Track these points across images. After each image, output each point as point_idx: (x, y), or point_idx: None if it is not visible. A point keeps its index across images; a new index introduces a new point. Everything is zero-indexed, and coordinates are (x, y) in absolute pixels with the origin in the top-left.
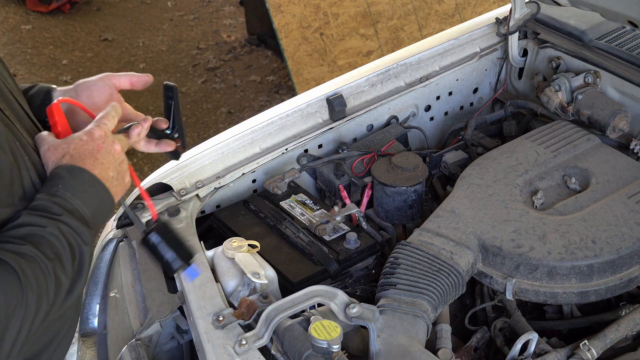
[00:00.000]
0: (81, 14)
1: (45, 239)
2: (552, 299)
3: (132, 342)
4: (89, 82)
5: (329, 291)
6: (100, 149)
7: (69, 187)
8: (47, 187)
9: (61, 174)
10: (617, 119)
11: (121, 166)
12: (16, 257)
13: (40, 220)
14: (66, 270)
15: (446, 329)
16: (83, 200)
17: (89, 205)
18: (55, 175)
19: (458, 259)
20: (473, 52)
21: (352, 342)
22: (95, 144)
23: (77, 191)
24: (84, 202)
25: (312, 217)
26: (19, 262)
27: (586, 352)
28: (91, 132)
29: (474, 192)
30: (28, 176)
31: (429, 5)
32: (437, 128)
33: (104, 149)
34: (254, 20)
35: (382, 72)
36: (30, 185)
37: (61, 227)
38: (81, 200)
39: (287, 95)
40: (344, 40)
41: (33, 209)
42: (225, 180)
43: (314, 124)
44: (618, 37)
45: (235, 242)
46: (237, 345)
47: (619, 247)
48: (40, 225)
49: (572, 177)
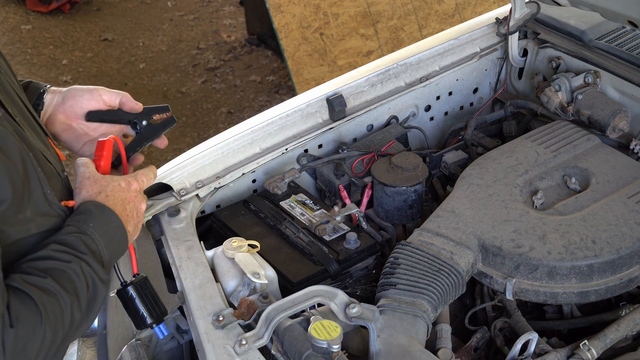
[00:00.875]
0: (81, 14)
1: (67, 274)
2: (552, 299)
3: (132, 342)
4: (78, 91)
5: (329, 291)
6: (131, 201)
7: (98, 228)
8: (79, 221)
9: (94, 212)
10: (617, 119)
11: (139, 224)
12: (39, 292)
13: (66, 256)
14: (81, 307)
15: (446, 329)
16: (106, 243)
17: (110, 249)
18: (88, 211)
19: (458, 259)
20: (473, 52)
21: (352, 342)
22: (129, 195)
23: (104, 233)
24: (106, 245)
25: (312, 217)
26: (41, 297)
27: (586, 352)
28: (129, 182)
29: (474, 192)
30: (40, 188)
31: (429, 5)
32: (437, 128)
33: (133, 203)
34: (254, 20)
35: (382, 72)
36: (42, 197)
37: (83, 265)
38: (105, 243)
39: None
40: (344, 40)
41: (61, 243)
42: (225, 180)
43: (314, 124)
44: (618, 37)
45: (235, 242)
46: (237, 345)
47: (619, 247)
48: (64, 261)
49: (572, 177)
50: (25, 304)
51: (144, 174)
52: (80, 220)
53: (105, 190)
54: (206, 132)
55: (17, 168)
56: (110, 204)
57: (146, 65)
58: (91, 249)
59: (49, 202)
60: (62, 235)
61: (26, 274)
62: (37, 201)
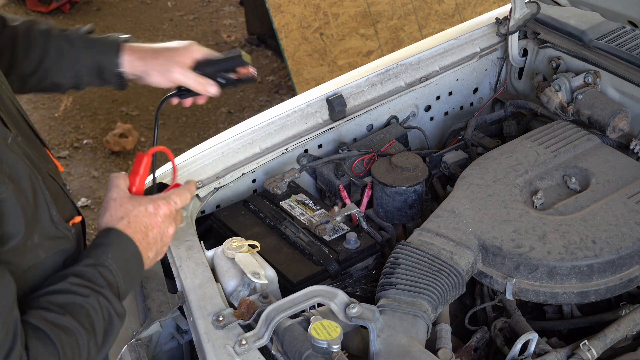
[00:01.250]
0: (81, 14)
1: (85, 309)
2: (552, 299)
3: (132, 342)
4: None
5: (329, 291)
6: (156, 227)
7: (116, 259)
8: (97, 252)
9: (113, 242)
10: (617, 119)
11: (163, 248)
12: (57, 331)
13: (84, 290)
14: (97, 342)
15: (446, 329)
16: (123, 275)
17: (126, 280)
18: (108, 240)
19: (458, 259)
20: (473, 52)
21: (352, 342)
22: (155, 220)
23: (121, 265)
24: (123, 277)
25: (312, 217)
26: (59, 336)
27: (586, 352)
28: (159, 206)
29: (474, 192)
30: (47, 211)
31: (429, 5)
32: (437, 128)
33: (158, 229)
34: (254, 20)
35: (382, 72)
36: (48, 220)
37: (100, 299)
38: (121, 274)
39: (287, 95)
40: (344, 40)
41: (80, 276)
42: (225, 180)
43: (314, 124)
44: (618, 37)
45: (235, 242)
46: (237, 345)
47: (619, 247)
48: (83, 295)
49: (572, 177)
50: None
51: (179, 194)
52: (99, 250)
53: (129, 215)
54: (206, 132)
55: (27, 197)
56: (131, 231)
57: None
58: (109, 281)
59: (55, 223)
60: (80, 267)
61: (45, 310)
62: (44, 225)
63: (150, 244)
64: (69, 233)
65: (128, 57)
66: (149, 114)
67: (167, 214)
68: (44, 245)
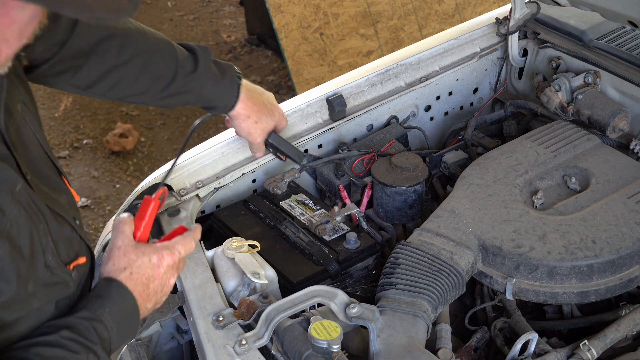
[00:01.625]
0: None
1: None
2: (552, 299)
3: (132, 342)
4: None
5: (329, 291)
6: (157, 278)
7: (113, 313)
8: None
9: (112, 295)
10: (617, 119)
11: (162, 298)
12: None
13: (75, 346)
14: None
15: (446, 329)
16: (117, 330)
17: (120, 335)
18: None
19: (458, 259)
20: (473, 52)
21: (352, 342)
22: (158, 271)
23: (118, 320)
24: (117, 332)
25: (312, 217)
26: None
27: (586, 352)
28: (162, 257)
29: (474, 192)
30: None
31: (429, 5)
32: (437, 128)
33: (160, 280)
34: (254, 20)
35: (382, 72)
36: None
37: (90, 356)
38: (116, 329)
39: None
40: (344, 40)
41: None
42: (225, 180)
43: (314, 124)
44: (618, 37)
45: (235, 242)
46: (237, 345)
47: (619, 247)
48: (72, 351)
49: (572, 177)
50: None
51: (183, 243)
52: (97, 303)
53: (132, 266)
54: (206, 132)
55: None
56: (132, 284)
57: None
58: (102, 337)
59: (51, 269)
60: (75, 319)
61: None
62: (39, 272)
63: (150, 296)
64: (68, 277)
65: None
66: (149, 114)
67: (170, 264)
68: (38, 294)
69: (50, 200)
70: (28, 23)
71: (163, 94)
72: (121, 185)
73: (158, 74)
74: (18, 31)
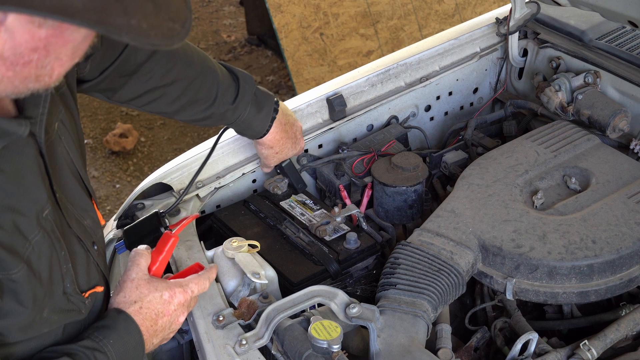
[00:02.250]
0: None
1: None
2: (552, 299)
3: None
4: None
5: (329, 291)
6: (166, 315)
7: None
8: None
9: (119, 327)
10: (617, 119)
11: (169, 335)
12: None
13: None
14: None
15: (446, 329)
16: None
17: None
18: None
19: (458, 259)
20: (473, 52)
21: (352, 342)
22: (168, 308)
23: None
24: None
25: (312, 217)
26: None
27: (586, 352)
28: (174, 295)
29: (474, 192)
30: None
31: (429, 5)
32: (437, 128)
33: (169, 317)
34: (254, 20)
35: (382, 72)
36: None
37: None
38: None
39: (287, 95)
40: (344, 40)
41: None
42: (225, 180)
43: (314, 124)
44: (618, 37)
45: (235, 242)
46: (237, 345)
47: (619, 247)
48: None
49: (572, 177)
50: None
51: (197, 282)
52: (102, 333)
53: (143, 300)
54: (206, 132)
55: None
56: (140, 318)
57: None
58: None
59: (68, 295)
60: (77, 347)
61: None
62: (57, 299)
63: (157, 332)
64: (82, 305)
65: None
66: (149, 113)
67: (182, 302)
68: (50, 320)
69: (75, 222)
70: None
71: (197, 117)
72: (121, 185)
73: (197, 99)
74: (71, 50)
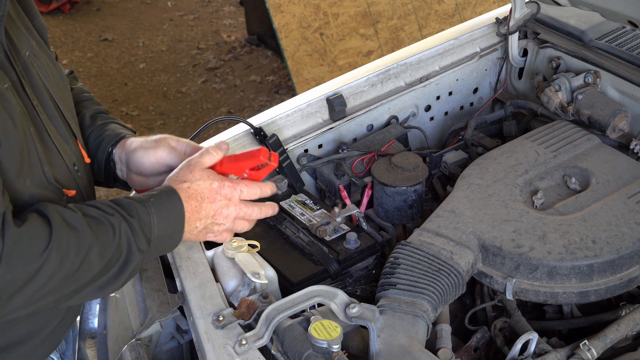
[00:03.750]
0: (81, 14)
1: (102, 223)
2: (552, 299)
3: (132, 342)
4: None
5: (329, 291)
6: (212, 202)
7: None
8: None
9: (162, 195)
10: (617, 119)
11: (213, 227)
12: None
13: (110, 210)
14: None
15: (446, 329)
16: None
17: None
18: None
19: (458, 259)
20: (473, 52)
21: (352, 342)
22: (214, 197)
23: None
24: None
25: (312, 217)
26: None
27: (586, 352)
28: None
29: (474, 192)
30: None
31: (429, 5)
32: (437, 128)
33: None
34: (254, 20)
35: (382, 72)
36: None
37: (123, 225)
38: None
39: (287, 95)
40: (344, 40)
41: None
42: None
43: (314, 124)
44: (618, 37)
45: (235, 242)
46: (237, 345)
47: (619, 247)
48: (107, 212)
49: (572, 177)
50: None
51: (249, 185)
52: (146, 195)
53: (192, 182)
54: (206, 132)
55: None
56: (186, 195)
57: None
58: (140, 216)
59: (47, 179)
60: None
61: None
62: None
63: (200, 215)
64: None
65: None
66: (149, 113)
67: (227, 196)
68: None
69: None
70: None
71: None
72: None
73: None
74: None
